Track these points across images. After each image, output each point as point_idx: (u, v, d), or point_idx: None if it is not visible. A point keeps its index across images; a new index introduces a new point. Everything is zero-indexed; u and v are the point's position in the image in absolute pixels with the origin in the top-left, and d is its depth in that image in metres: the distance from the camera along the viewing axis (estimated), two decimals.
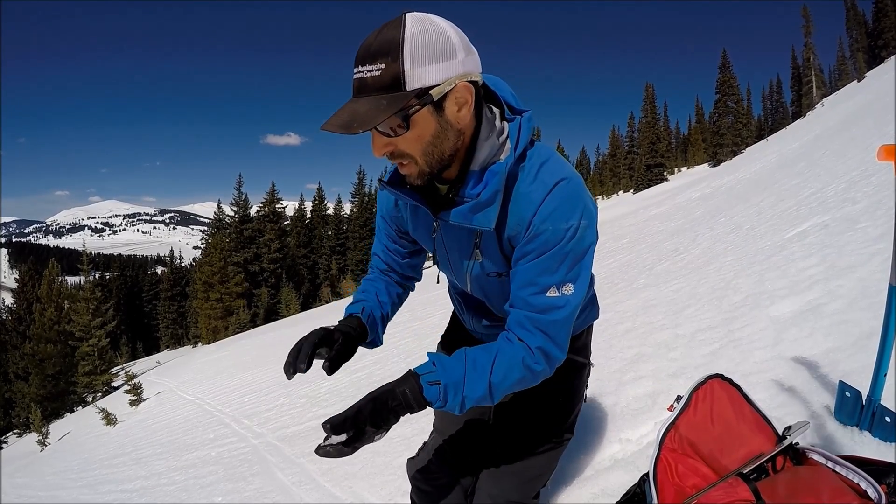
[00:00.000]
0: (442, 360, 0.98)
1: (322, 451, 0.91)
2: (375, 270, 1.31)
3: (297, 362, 0.99)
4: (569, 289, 0.96)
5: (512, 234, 0.98)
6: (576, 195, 0.94)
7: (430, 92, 0.84)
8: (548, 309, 0.96)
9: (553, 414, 1.24)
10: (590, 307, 1.27)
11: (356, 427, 0.90)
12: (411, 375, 0.95)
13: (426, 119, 0.86)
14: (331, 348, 1.06)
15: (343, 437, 0.91)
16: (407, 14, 0.84)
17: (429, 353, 1.01)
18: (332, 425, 0.89)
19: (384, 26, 0.83)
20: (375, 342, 1.20)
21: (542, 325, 0.96)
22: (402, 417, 0.95)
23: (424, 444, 1.44)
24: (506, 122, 0.97)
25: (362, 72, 0.83)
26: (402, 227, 1.21)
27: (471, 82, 0.88)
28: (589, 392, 2.32)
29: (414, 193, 1.01)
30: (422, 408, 0.94)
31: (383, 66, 0.82)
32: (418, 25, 0.83)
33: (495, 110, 0.97)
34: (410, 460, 1.41)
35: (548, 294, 0.95)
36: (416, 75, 0.82)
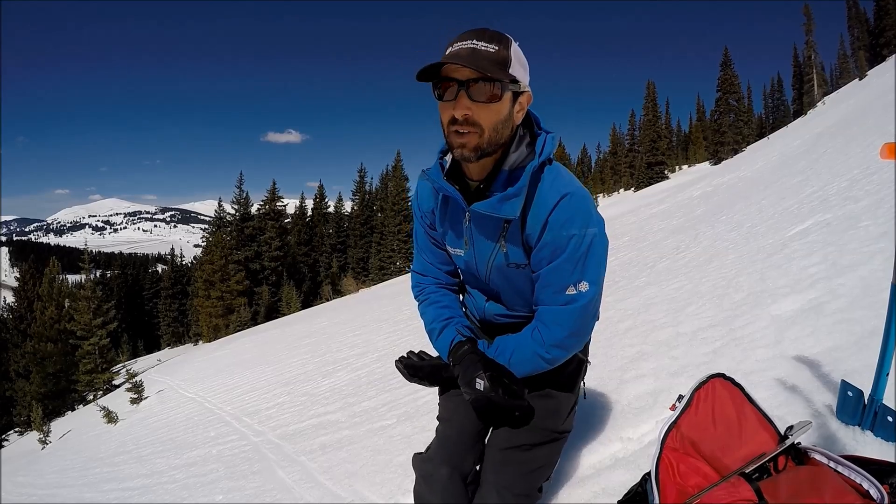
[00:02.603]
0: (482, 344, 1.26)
1: (397, 364, 1.34)
2: (432, 286, 1.40)
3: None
4: (584, 286, 1.12)
5: (529, 231, 1.13)
6: (582, 207, 1.10)
7: (518, 83, 1.05)
8: (567, 303, 1.13)
9: (552, 409, 1.29)
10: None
11: (415, 374, 1.32)
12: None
13: (506, 102, 1.05)
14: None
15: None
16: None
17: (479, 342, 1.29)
18: (404, 365, 1.33)
19: (489, 29, 1.04)
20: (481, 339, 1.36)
21: (563, 317, 1.14)
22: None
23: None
24: (533, 137, 1.15)
25: (477, 44, 1.00)
26: (433, 224, 1.33)
27: None
28: (590, 390, 2.32)
29: (451, 185, 1.15)
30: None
31: (497, 47, 1.01)
32: (516, 43, 1.06)
33: (525, 130, 1.15)
34: (416, 455, 1.41)
35: (567, 292, 1.12)
36: (515, 68, 1.04)
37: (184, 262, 52.69)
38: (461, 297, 1.46)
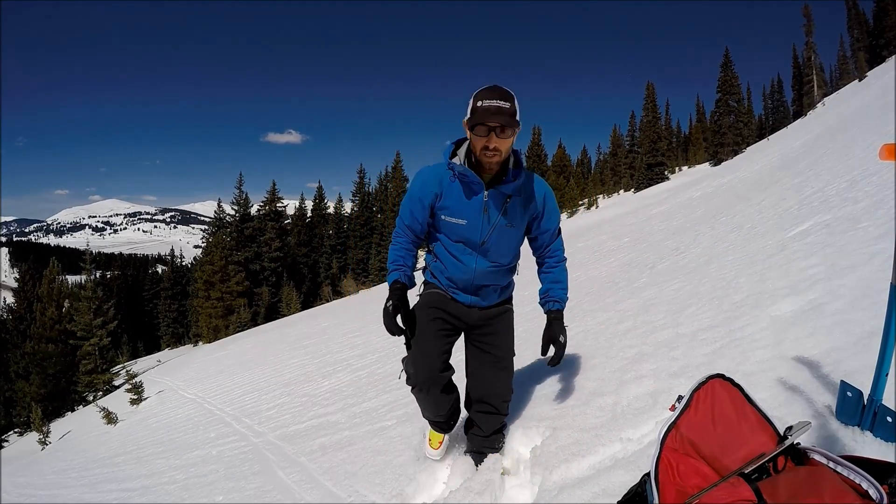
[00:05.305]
0: (553, 293, 2.06)
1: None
2: (407, 236, 2.00)
3: (397, 330, 1.86)
4: (559, 227, 2.08)
5: (534, 203, 1.94)
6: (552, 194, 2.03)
7: (519, 125, 1.74)
8: (559, 235, 2.09)
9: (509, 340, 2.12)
10: (513, 280, 2.14)
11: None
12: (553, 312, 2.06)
13: (513, 138, 1.77)
14: (407, 309, 1.92)
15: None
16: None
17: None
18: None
19: (501, 87, 1.73)
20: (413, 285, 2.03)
21: (560, 242, 2.09)
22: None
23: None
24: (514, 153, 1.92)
25: (501, 104, 1.69)
26: (434, 202, 1.91)
27: None
28: (589, 391, 2.33)
29: (477, 177, 1.83)
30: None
31: (509, 104, 1.70)
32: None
33: None
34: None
35: (559, 235, 2.08)
36: (518, 117, 1.74)
37: (184, 263, 52.66)
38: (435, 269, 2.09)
